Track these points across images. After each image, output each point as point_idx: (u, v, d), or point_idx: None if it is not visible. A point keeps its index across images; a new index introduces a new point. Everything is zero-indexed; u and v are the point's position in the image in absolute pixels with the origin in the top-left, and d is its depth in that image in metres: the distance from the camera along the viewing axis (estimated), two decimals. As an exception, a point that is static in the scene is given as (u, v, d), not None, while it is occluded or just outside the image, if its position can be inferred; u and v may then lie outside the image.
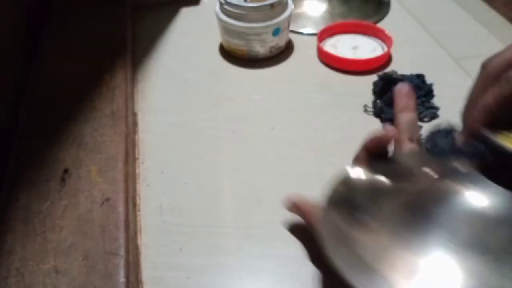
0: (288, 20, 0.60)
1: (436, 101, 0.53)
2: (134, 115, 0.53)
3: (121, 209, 0.39)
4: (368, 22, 0.65)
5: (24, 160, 0.43)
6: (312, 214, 0.36)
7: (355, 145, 0.37)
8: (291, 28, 0.63)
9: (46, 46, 0.58)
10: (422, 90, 0.52)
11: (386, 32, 0.62)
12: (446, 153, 0.33)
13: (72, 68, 0.54)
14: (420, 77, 0.53)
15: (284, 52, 0.63)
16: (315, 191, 0.42)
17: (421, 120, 0.51)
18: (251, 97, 0.56)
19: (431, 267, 0.27)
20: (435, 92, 0.53)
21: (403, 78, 0.52)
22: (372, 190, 0.34)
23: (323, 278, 0.37)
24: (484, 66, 0.33)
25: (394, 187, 0.33)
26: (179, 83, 0.58)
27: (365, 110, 0.52)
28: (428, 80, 0.54)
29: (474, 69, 0.58)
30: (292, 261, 0.38)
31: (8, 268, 0.34)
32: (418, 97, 0.51)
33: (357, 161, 0.36)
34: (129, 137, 0.47)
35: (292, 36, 0.65)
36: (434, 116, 0.51)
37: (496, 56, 0.32)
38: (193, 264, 0.38)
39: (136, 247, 0.39)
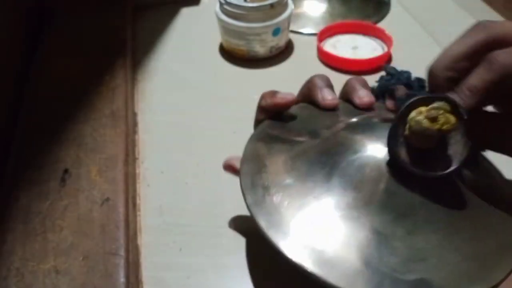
0: (288, 20, 0.60)
1: (436, 101, 0.53)
2: (134, 115, 0.53)
3: (121, 209, 0.39)
4: (368, 22, 0.65)
5: (24, 160, 0.43)
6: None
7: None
8: (291, 28, 0.63)
9: (46, 46, 0.58)
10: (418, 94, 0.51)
11: (386, 32, 0.62)
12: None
13: (72, 68, 0.54)
14: (420, 81, 0.53)
15: (284, 52, 0.63)
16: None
17: None
18: (251, 97, 0.56)
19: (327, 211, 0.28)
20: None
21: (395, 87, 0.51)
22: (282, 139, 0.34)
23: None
24: (483, 26, 0.31)
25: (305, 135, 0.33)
26: (179, 83, 0.58)
27: None
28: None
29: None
30: (292, 261, 0.38)
31: (8, 268, 0.34)
32: None
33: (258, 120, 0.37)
34: (129, 137, 0.47)
35: (292, 36, 0.65)
36: None
37: (496, 23, 0.30)
38: (193, 264, 0.38)
39: (136, 247, 0.39)
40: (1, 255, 0.35)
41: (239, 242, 0.40)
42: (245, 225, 0.41)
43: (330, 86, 0.37)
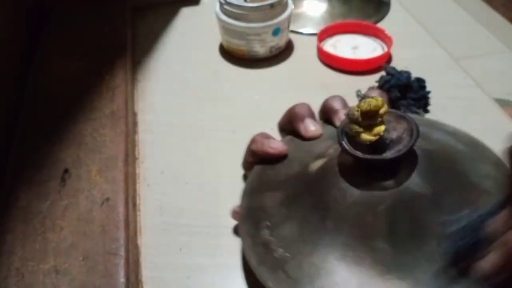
0: (288, 20, 0.60)
1: (435, 101, 0.53)
2: (134, 115, 0.53)
3: (121, 209, 0.39)
4: (368, 22, 0.65)
5: (24, 160, 0.43)
6: None
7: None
8: (291, 28, 0.63)
9: (46, 46, 0.58)
10: (416, 93, 0.51)
11: (386, 32, 0.62)
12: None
13: (72, 68, 0.54)
14: (420, 81, 0.53)
15: (284, 52, 0.63)
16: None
17: None
18: (251, 97, 0.56)
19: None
20: (435, 92, 0.53)
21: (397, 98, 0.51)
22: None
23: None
24: None
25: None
26: (179, 83, 0.58)
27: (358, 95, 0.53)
28: (428, 80, 0.53)
29: (474, 69, 0.58)
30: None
31: (8, 268, 0.34)
32: (405, 98, 0.51)
33: (248, 165, 0.37)
34: (129, 137, 0.47)
35: (292, 36, 0.65)
36: None
37: None
38: (193, 264, 0.38)
39: (136, 247, 0.39)
40: (1, 255, 0.35)
41: (239, 242, 0.40)
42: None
43: (312, 115, 0.37)
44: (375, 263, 0.27)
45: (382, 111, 0.28)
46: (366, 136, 0.28)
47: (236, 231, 0.39)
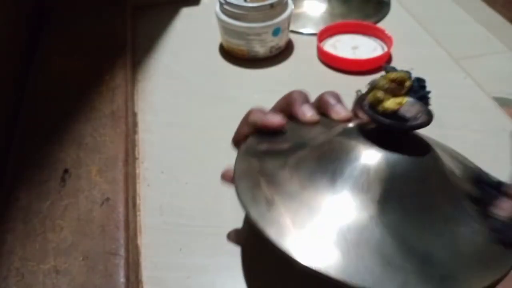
0: (288, 20, 0.60)
1: (435, 101, 0.53)
2: (134, 115, 0.53)
3: (121, 209, 0.39)
4: (368, 22, 0.65)
5: (24, 160, 0.43)
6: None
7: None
8: (291, 28, 0.63)
9: (46, 46, 0.58)
10: (416, 93, 0.51)
11: (386, 32, 0.62)
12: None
13: (72, 68, 0.54)
14: (419, 81, 0.53)
15: (284, 52, 0.63)
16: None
17: None
18: (251, 97, 0.56)
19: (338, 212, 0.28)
20: (435, 92, 0.53)
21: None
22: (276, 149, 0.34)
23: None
24: None
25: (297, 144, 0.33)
26: (179, 83, 0.58)
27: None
28: (428, 80, 0.53)
29: (474, 69, 0.58)
30: (292, 261, 0.38)
31: (8, 268, 0.34)
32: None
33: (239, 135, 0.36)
34: (129, 137, 0.47)
35: (292, 36, 0.65)
36: None
37: None
38: (193, 264, 0.38)
39: (136, 247, 0.39)
40: (1, 255, 0.35)
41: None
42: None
43: (309, 102, 0.37)
44: (383, 227, 0.27)
45: (407, 83, 0.29)
46: (389, 104, 0.28)
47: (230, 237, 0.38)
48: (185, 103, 0.55)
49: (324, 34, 0.63)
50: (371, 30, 0.64)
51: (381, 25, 0.66)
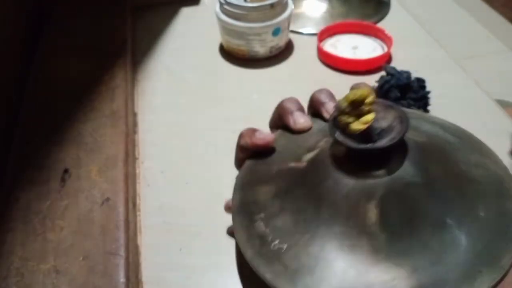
0: (288, 20, 0.60)
1: (435, 101, 0.53)
2: (134, 115, 0.53)
3: (121, 209, 0.39)
4: (368, 22, 0.65)
5: (24, 160, 0.43)
6: None
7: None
8: (291, 28, 0.63)
9: (46, 46, 0.58)
10: (416, 93, 0.51)
11: (386, 32, 0.61)
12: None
13: (72, 68, 0.54)
14: (419, 81, 0.53)
15: (284, 52, 0.63)
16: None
17: None
18: (251, 97, 0.56)
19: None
20: (435, 92, 0.53)
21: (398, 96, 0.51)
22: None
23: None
24: None
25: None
26: (179, 83, 0.58)
27: None
28: (428, 80, 0.53)
29: (474, 69, 0.58)
30: (292, 261, 0.38)
31: (8, 268, 0.34)
32: (405, 98, 0.51)
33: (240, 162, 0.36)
34: (129, 137, 0.47)
35: (292, 36, 0.65)
36: None
37: None
38: (193, 264, 0.38)
39: (136, 247, 0.39)
40: (1, 255, 0.35)
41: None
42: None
43: (301, 108, 0.37)
44: (372, 251, 0.27)
45: (369, 100, 0.28)
46: (355, 126, 0.28)
47: (230, 233, 0.39)
48: (185, 103, 0.55)
49: (324, 34, 0.63)
50: (371, 30, 0.64)
51: (381, 25, 0.66)
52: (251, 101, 0.55)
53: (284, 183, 0.33)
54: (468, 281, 0.25)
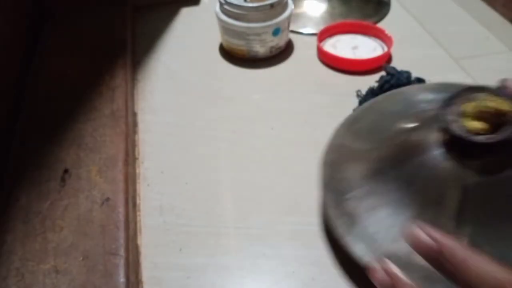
0: (288, 20, 0.60)
1: (436, 101, 0.53)
2: (134, 115, 0.53)
3: (121, 209, 0.39)
4: (368, 22, 0.65)
5: (24, 160, 0.43)
6: None
7: (355, 145, 0.37)
8: (291, 28, 0.63)
9: (46, 46, 0.58)
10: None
11: (386, 32, 0.62)
12: None
13: (72, 68, 0.54)
14: (420, 81, 0.53)
15: (284, 52, 0.63)
16: (315, 191, 0.42)
17: None
18: (251, 97, 0.56)
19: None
20: (435, 92, 0.53)
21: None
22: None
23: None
24: None
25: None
26: (179, 83, 0.58)
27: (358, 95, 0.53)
28: (428, 80, 0.53)
29: (474, 69, 0.58)
30: (292, 261, 0.38)
31: (8, 268, 0.34)
32: None
33: None
34: (129, 137, 0.47)
35: (292, 36, 0.65)
36: None
37: None
38: (193, 264, 0.38)
39: (136, 247, 0.39)
40: (1, 255, 0.35)
41: (239, 242, 0.40)
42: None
43: None
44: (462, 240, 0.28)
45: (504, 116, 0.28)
46: (475, 125, 0.29)
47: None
48: (185, 103, 0.55)
49: (324, 34, 0.63)
50: (371, 30, 0.64)
51: (381, 25, 0.66)
52: (251, 101, 0.55)
53: (374, 154, 0.34)
54: None
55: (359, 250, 0.31)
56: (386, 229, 0.31)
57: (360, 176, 0.35)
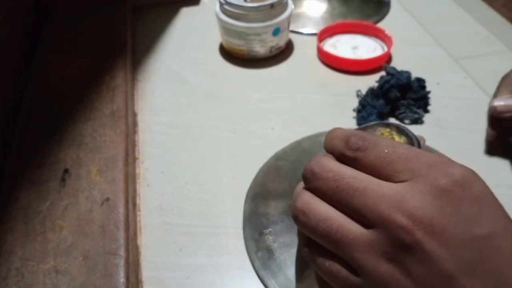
0: (288, 20, 0.60)
1: (435, 101, 0.53)
2: (134, 115, 0.53)
3: (121, 209, 0.39)
4: (368, 22, 0.65)
5: (24, 160, 0.43)
6: None
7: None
8: (291, 28, 0.63)
9: (45, 46, 0.58)
10: (416, 93, 0.51)
11: (386, 32, 0.62)
12: None
13: (72, 68, 0.54)
14: (419, 81, 0.53)
15: (284, 52, 0.63)
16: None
17: (401, 120, 0.51)
18: (251, 97, 0.56)
19: None
20: (435, 92, 0.53)
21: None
22: None
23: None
24: None
25: None
26: (179, 83, 0.58)
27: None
28: (428, 80, 0.54)
29: (474, 69, 0.58)
30: (292, 261, 0.38)
31: (8, 268, 0.34)
32: (405, 98, 0.51)
33: None
34: (129, 137, 0.47)
35: (292, 36, 0.65)
36: (415, 121, 0.50)
37: None
38: (193, 264, 0.38)
39: (136, 247, 0.39)
40: (1, 255, 0.35)
41: (239, 242, 0.40)
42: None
43: None
44: None
45: None
46: None
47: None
48: (185, 103, 0.55)
49: (324, 34, 0.63)
50: (371, 30, 0.64)
51: (381, 25, 0.66)
52: (251, 101, 0.55)
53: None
54: None
55: (272, 285, 0.35)
56: (299, 266, 0.35)
57: (279, 212, 0.37)
